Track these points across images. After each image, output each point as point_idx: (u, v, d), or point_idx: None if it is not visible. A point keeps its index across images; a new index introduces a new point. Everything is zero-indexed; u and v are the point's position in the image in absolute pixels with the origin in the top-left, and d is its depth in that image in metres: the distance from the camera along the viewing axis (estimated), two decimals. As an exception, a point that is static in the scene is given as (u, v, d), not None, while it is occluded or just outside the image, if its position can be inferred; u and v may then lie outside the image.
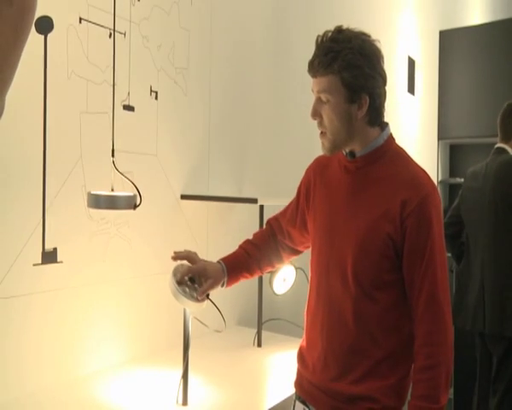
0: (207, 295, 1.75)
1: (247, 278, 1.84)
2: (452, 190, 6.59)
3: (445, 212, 6.20)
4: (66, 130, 1.95)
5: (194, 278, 1.76)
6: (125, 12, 2.15)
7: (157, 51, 2.31)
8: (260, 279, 2.56)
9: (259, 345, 2.51)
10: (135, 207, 1.65)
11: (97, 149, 2.06)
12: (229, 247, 2.74)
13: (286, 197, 1.96)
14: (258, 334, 2.52)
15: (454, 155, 6.76)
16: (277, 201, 2.52)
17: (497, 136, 3.24)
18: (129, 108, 2.19)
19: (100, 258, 2.09)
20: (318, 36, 1.54)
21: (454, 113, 6.22)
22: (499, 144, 3.11)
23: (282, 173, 3.14)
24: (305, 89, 1.57)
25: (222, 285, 1.80)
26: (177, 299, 1.71)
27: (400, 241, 1.49)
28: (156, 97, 2.31)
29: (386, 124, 1.63)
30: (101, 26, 2.04)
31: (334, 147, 1.57)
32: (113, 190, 1.69)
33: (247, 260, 1.84)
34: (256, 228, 2.52)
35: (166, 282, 1.78)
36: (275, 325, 2.74)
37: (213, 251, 2.65)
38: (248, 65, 2.90)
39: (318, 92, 1.54)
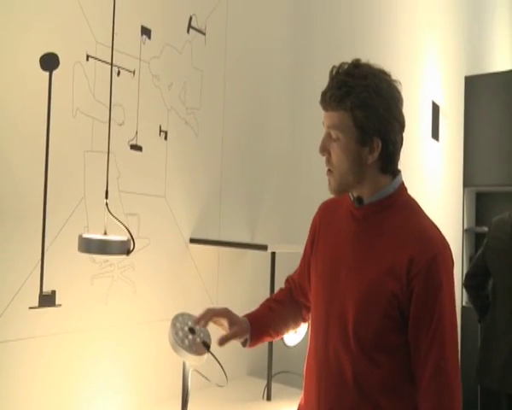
0: (208, 348, 1.64)
1: (272, 337, 1.71)
2: (478, 238, 6.40)
3: (471, 260, 6.04)
4: (69, 169, 1.89)
5: (195, 328, 1.65)
6: (134, 50, 2.11)
7: (167, 90, 2.26)
8: (271, 329, 2.43)
9: (269, 398, 2.37)
10: (128, 252, 1.56)
11: (102, 190, 1.98)
12: (241, 294, 2.67)
13: (301, 243, 1.86)
14: (268, 387, 2.39)
15: (480, 202, 6.59)
16: (289, 247, 2.42)
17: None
18: (136, 147, 2.13)
19: (101, 302, 2.00)
20: (334, 67, 1.45)
21: (480, 160, 6.09)
22: None
23: (297, 217, 3.04)
24: (322, 131, 1.48)
25: (244, 344, 1.66)
26: (176, 351, 1.61)
27: (406, 302, 1.36)
28: (166, 137, 2.25)
29: (399, 171, 1.51)
30: (109, 63, 2.00)
31: (341, 188, 1.47)
32: (106, 233, 1.61)
33: (271, 316, 1.70)
34: (268, 275, 2.41)
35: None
36: (286, 378, 2.60)
37: (224, 298, 2.55)
38: (263, 106, 2.84)
39: (328, 127, 1.44)
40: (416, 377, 1.38)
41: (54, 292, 1.83)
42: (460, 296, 5.96)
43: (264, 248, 2.20)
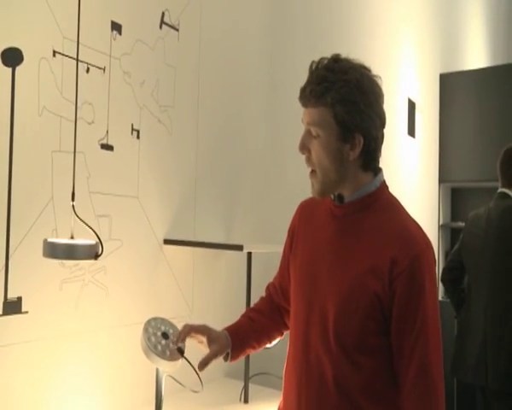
0: (182, 353, 1.58)
1: (254, 348, 1.64)
2: (454, 234, 6.43)
3: (447, 255, 6.07)
4: (35, 170, 1.81)
5: (168, 333, 1.60)
6: (104, 46, 2.03)
7: (140, 88, 2.19)
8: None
9: (246, 401, 2.32)
10: (96, 256, 1.50)
11: (71, 191, 1.91)
12: (217, 295, 2.61)
13: (278, 243, 1.81)
14: (245, 389, 2.34)
15: (455, 198, 6.63)
16: (265, 247, 2.38)
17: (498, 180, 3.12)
18: (107, 147, 2.06)
19: (71, 307, 1.93)
20: (313, 62, 1.39)
21: (455, 156, 6.12)
22: (502, 189, 2.97)
23: (273, 217, 2.99)
24: (300, 129, 1.43)
25: (226, 359, 1.60)
26: (149, 357, 1.55)
27: (388, 302, 1.32)
28: (138, 136, 2.19)
29: (380, 169, 1.47)
30: (79, 60, 1.92)
31: (325, 188, 1.42)
32: (72, 237, 1.54)
33: (252, 327, 1.64)
34: (244, 275, 2.36)
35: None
36: (265, 379, 2.56)
37: (199, 300, 2.49)
38: (239, 103, 2.78)
39: (308, 124, 1.39)
40: (400, 380, 1.35)
41: (20, 299, 1.75)
42: (438, 289, 5.99)
43: (239, 248, 2.14)
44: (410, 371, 1.31)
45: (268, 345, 1.68)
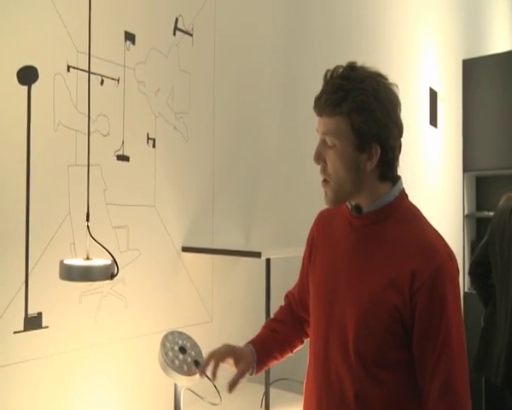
0: (199, 366, 1.59)
1: (277, 359, 1.63)
2: (479, 224, 6.35)
3: (473, 249, 5.98)
4: (52, 185, 1.82)
5: (185, 347, 1.60)
6: (118, 57, 2.03)
7: (154, 96, 2.18)
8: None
9: (267, 407, 2.32)
10: (112, 277, 1.50)
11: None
12: (236, 301, 2.61)
13: (298, 245, 1.79)
14: (266, 395, 2.34)
15: (480, 187, 6.52)
16: (284, 252, 2.36)
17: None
18: (123, 157, 2.06)
19: (91, 320, 1.94)
20: (328, 70, 1.37)
21: (479, 144, 6.02)
22: None
23: (294, 219, 2.97)
24: (317, 134, 1.41)
25: (251, 373, 1.57)
26: (166, 373, 1.56)
27: (409, 316, 1.30)
28: (154, 145, 2.18)
29: (399, 177, 1.44)
30: (92, 73, 1.93)
31: (338, 199, 1.40)
32: (88, 258, 1.54)
33: (274, 338, 1.63)
34: (263, 281, 2.35)
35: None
36: (285, 384, 2.55)
37: (219, 306, 2.49)
38: (255, 108, 2.76)
39: (323, 134, 1.36)
40: (423, 396, 1.32)
41: (40, 314, 1.77)
42: (462, 283, 5.92)
43: (257, 255, 2.13)
44: (433, 387, 1.29)
45: (290, 354, 1.68)
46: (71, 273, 1.46)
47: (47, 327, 1.79)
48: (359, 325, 1.34)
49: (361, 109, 1.31)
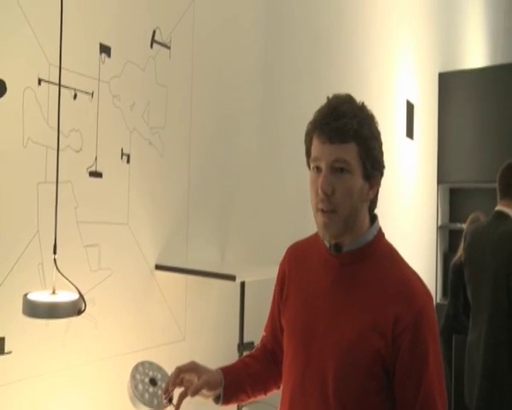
0: (170, 400, 1.52)
1: (248, 395, 1.52)
2: (452, 235, 6.40)
3: (446, 259, 6.01)
4: (20, 203, 1.74)
5: (156, 379, 1.54)
6: (92, 70, 1.96)
7: (129, 111, 2.12)
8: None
9: (240, 432, 2.27)
10: (79, 313, 1.43)
11: (58, 222, 1.85)
12: (210, 321, 2.55)
13: (273, 264, 1.74)
14: (239, 419, 2.29)
15: (454, 199, 6.58)
16: (259, 275, 2.32)
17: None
18: (96, 174, 1.99)
19: (58, 343, 1.87)
20: (328, 98, 1.32)
21: (454, 156, 6.07)
22: (499, 207, 2.87)
23: (270, 237, 2.93)
24: (298, 149, 1.35)
25: (217, 401, 1.46)
26: (136, 407, 1.49)
27: (391, 358, 1.26)
28: (128, 161, 2.12)
29: (376, 216, 1.40)
30: (64, 86, 1.85)
31: (344, 230, 1.31)
32: (54, 292, 1.47)
33: (246, 371, 1.53)
34: (237, 303, 2.30)
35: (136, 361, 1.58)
36: (259, 406, 2.50)
37: (193, 327, 2.44)
38: (233, 124, 2.71)
39: (335, 161, 1.27)
40: None
41: (2, 339, 1.69)
42: (435, 294, 5.95)
43: (232, 278, 2.08)
44: None
45: (263, 396, 1.58)
46: (35, 310, 1.38)
47: (10, 352, 1.71)
48: (340, 369, 1.29)
49: (374, 138, 1.30)
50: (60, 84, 1.55)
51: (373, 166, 1.30)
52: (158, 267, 2.25)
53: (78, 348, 1.93)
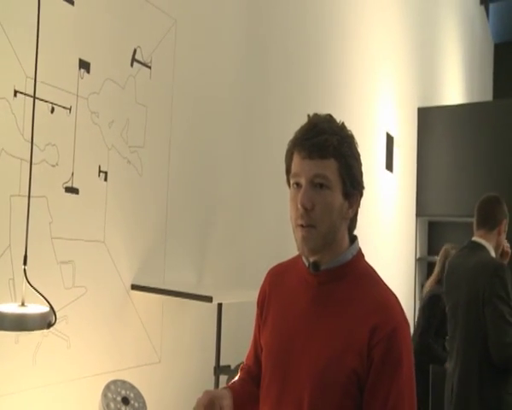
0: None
1: None
2: (430, 267, 6.41)
3: (423, 288, 6.02)
4: (-8, 215, 1.71)
5: (129, 398, 1.50)
6: (70, 85, 1.95)
7: (108, 128, 2.10)
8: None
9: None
10: (49, 326, 1.39)
11: (32, 237, 1.81)
12: (187, 342, 2.50)
13: (252, 287, 1.71)
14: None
15: (432, 231, 6.63)
16: (236, 297, 2.29)
17: (473, 215, 3.00)
18: (72, 190, 1.96)
19: (28, 361, 1.81)
20: (308, 115, 1.33)
21: (432, 190, 6.13)
22: (475, 238, 2.87)
23: (249, 259, 2.91)
24: (278, 169, 1.34)
25: None
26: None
27: (365, 375, 1.23)
28: (106, 178, 2.09)
29: (356, 237, 1.39)
30: (42, 99, 1.84)
31: (322, 247, 1.30)
32: (23, 304, 1.43)
33: (247, 389, 1.48)
34: (214, 326, 2.27)
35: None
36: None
37: (168, 347, 2.38)
38: (213, 143, 2.71)
39: (315, 177, 1.27)
40: None
41: (-30, 355, 1.64)
42: (412, 324, 5.94)
43: (209, 299, 2.04)
44: None
45: None
46: (2, 322, 1.33)
47: (-22, 369, 1.66)
48: (315, 390, 1.26)
49: (354, 156, 1.30)
50: (34, 96, 1.54)
51: (352, 184, 1.30)
52: (134, 287, 2.21)
53: (49, 367, 1.87)
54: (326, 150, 1.26)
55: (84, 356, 1.99)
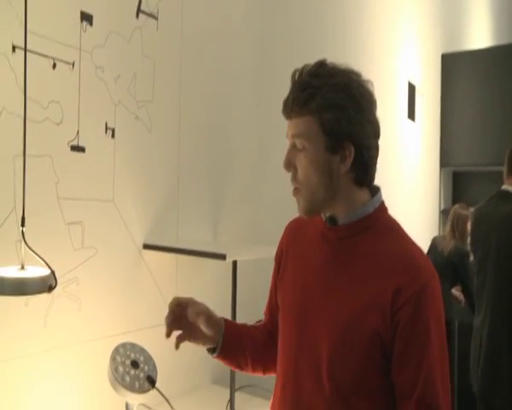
0: (153, 383, 1.45)
1: (246, 362, 1.44)
2: (455, 219, 6.29)
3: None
4: (-5, 177, 1.66)
5: (138, 361, 1.46)
6: (73, 39, 1.87)
7: (114, 83, 2.02)
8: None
9: (232, 415, 2.20)
10: (50, 289, 1.35)
11: (38, 198, 1.77)
12: (203, 301, 2.45)
13: (269, 243, 1.65)
14: (231, 402, 2.21)
15: (457, 182, 6.48)
16: (251, 253, 2.23)
17: (501, 164, 2.90)
18: (78, 148, 1.90)
19: (39, 324, 1.79)
20: (296, 70, 1.24)
21: (457, 139, 5.96)
22: (505, 186, 2.77)
23: (265, 214, 2.84)
24: None
25: (213, 351, 1.40)
26: (116, 390, 1.42)
27: (390, 339, 1.16)
28: (113, 135, 2.03)
29: (378, 189, 1.31)
30: (42, 55, 1.76)
31: (312, 208, 1.26)
32: (23, 267, 1.39)
33: (250, 335, 1.46)
34: (229, 284, 2.22)
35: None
36: (252, 390, 2.43)
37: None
38: (225, 95, 2.61)
39: (293, 137, 1.24)
40: None
41: (-21, 319, 1.61)
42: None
43: (222, 257, 1.99)
44: None
45: (260, 374, 1.49)
46: (1, 287, 1.29)
47: (-13, 333, 1.64)
48: (334, 349, 1.21)
49: (332, 106, 1.19)
50: (25, 49, 1.46)
51: (336, 137, 1.20)
52: (146, 247, 2.16)
53: (60, 330, 1.85)
54: (302, 108, 1.21)
55: (95, 318, 1.97)
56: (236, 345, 1.43)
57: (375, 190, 1.30)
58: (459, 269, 4.05)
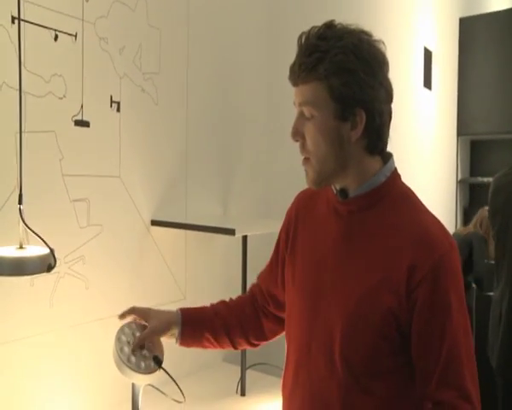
0: (160, 363, 1.41)
1: (211, 343, 1.47)
2: (473, 189, 6.18)
3: (466, 215, 5.81)
4: (-4, 154, 1.61)
5: (145, 342, 1.42)
6: (75, 9, 1.79)
7: (119, 55, 1.96)
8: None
9: (243, 394, 2.17)
10: (49, 269, 1.30)
11: (41, 176, 1.72)
12: (212, 278, 2.42)
13: (278, 219, 1.60)
14: (242, 381, 2.18)
15: (475, 151, 6.34)
16: (262, 228, 2.18)
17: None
18: (82, 123, 1.84)
19: (45, 303, 1.75)
20: (303, 33, 1.17)
21: (475, 107, 5.81)
22: None
23: (275, 189, 2.78)
24: None
25: (176, 341, 1.45)
26: (121, 371, 1.38)
27: (406, 317, 1.12)
28: (118, 109, 1.97)
29: (390, 155, 1.25)
30: (43, 26, 1.70)
31: (321, 179, 1.21)
32: (21, 246, 1.35)
33: (212, 319, 1.47)
34: (239, 259, 2.17)
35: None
36: (263, 368, 2.40)
37: (193, 284, 2.32)
38: (235, 66, 2.53)
39: (300, 104, 1.18)
40: (426, 406, 1.14)
41: (-16, 299, 1.58)
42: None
43: (231, 232, 1.94)
44: (444, 397, 1.11)
45: (231, 348, 1.51)
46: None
47: (-7, 314, 1.61)
48: (347, 329, 1.17)
49: (340, 70, 1.13)
50: (19, 17, 1.40)
51: (346, 103, 1.14)
52: (154, 223, 2.12)
53: (67, 309, 1.82)
54: (309, 73, 1.15)
55: (103, 296, 1.94)
56: (196, 331, 1.46)
57: (387, 157, 1.24)
58: (473, 248, 3.97)
